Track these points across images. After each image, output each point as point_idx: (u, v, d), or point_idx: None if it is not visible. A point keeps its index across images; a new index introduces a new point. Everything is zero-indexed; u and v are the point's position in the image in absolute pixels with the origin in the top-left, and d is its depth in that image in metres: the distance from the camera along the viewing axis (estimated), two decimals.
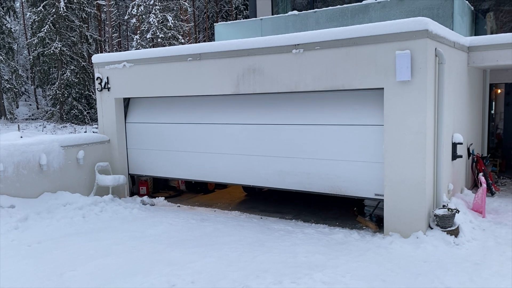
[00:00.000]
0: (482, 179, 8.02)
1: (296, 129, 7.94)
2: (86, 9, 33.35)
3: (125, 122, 10.24)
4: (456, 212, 6.59)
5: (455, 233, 6.49)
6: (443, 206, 6.88)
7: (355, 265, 5.77)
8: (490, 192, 9.07)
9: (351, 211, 8.52)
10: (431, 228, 6.64)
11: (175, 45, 29.34)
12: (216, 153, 8.95)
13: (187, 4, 33.61)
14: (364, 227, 7.60)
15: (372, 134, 7.15)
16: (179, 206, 9.47)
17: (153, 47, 28.93)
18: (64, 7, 30.93)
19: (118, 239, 7.08)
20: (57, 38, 31.23)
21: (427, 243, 6.31)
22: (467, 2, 11.21)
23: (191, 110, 9.34)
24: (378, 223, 7.48)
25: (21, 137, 12.43)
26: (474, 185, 9.83)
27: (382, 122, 6.92)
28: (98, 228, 7.73)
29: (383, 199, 7.01)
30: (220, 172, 8.95)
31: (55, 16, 31.05)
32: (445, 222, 6.51)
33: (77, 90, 32.31)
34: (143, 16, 30.96)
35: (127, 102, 10.29)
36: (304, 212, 8.80)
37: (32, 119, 34.98)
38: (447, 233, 6.43)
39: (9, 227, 7.36)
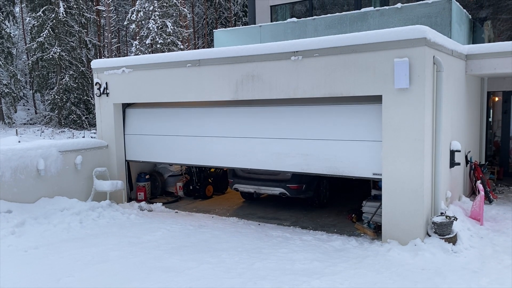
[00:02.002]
0: (480, 186, 8.03)
1: (294, 110, 7.94)
2: (86, 14, 33.37)
3: (124, 110, 10.20)
4: (454, 219, 6.58)
5: (453, 240, 6.48)
6: (441, 213, 6.88)
7: (353, 273, 5.76)
8: (488, 199, 9.08)
9: (349, 218, 8.51)
10: (429, 236, 6.63)
11: (174, 51, 29.40)
12: (214, 137, 8.92)
13: (186, 11, 33.70)
14: (362, 234, 7.59)
15: (370, 112, 7.13)
16: (176, 212, 9.44)
17: (152, 53, 28.97)
18: (64, 12, 30.95)
19: (115, 245, 7.05)
20: (56, 43, 31.24)
21: (425, 250, 6.30)
22: (465, 10, 11.28)
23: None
24: (376, 230, 7.48)
25: (19, 141, 12.41)
26: (472, 193, 9.83)
27: (380, 102, 6.87)
28: (95, 234, 7.70)
29: (381, 204, 7.00)
30: (218, 156, 8.90)
31: (54, 21, 31.08)
32: (443, 230, 6.50)
33: (75, 95, 32.27)
34: (143, 22, 31.03)
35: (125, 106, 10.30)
36: (302, 218, 8.78)
37: (30, 124, 34.89)
38: (445, 241, 6.43)
39: (5, 232, 7.32)
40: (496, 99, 12.43)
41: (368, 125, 7.18)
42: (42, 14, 31.15)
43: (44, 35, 30.90)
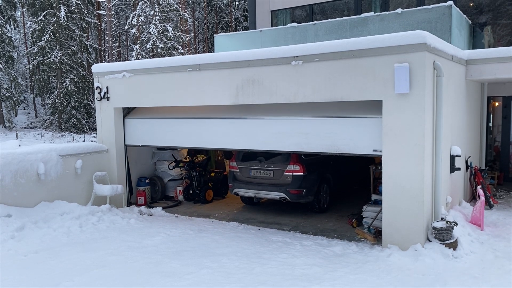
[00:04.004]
0: (480, 191, 8.02)
1: None
2: (87, 18, 33.45)
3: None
4: (454, 225, 6.57)
5: (454, 246, 6.47)
6: (442, 218, 6.87)
7: (353, 278, 5.74)
8: (489, 205, 9.06)
9: (349, 223, 8.50)
10: (430, 241, 6.62)
11: (174, 55, 29.44)
12: (214, 118, 8.88)
13: (187, 15, 33.78)
14: (362, 239, 7.57)
15: None
16: (176, 217, 9.42)
17: (153, 57, 29.03)
18: (65, 17, 31.03)
19: (114, 250, 7.04)
20: (57, 47, 31.31)
21: (425, 256, 6.28)
22: (465, 16, 11.31)
23: None
24: (376, 235, 7.46)
25: (19, 145, 12.41)
26: (473, 198, 9.82)
27: None
28: (95, 238, 7.69)
29: (382, 209, 6.99)
30: (218, 138, 8.86)
31: (55, 25, 31.16)
32: (444, 235, 6.49)
33: (76, 99, 32.30)
34: (143, 26, 31.11)
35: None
36: (302, 223, 8.77)
37: (31, 128, 34.92)
38: (445, 246, 6.41)
39: (5, 237, 7.32)
40: (496, 104, 12.44)
41: (368, 101, 7.14)
42: (43, 18, 31.25)
43: (45, 39, 30.98)
